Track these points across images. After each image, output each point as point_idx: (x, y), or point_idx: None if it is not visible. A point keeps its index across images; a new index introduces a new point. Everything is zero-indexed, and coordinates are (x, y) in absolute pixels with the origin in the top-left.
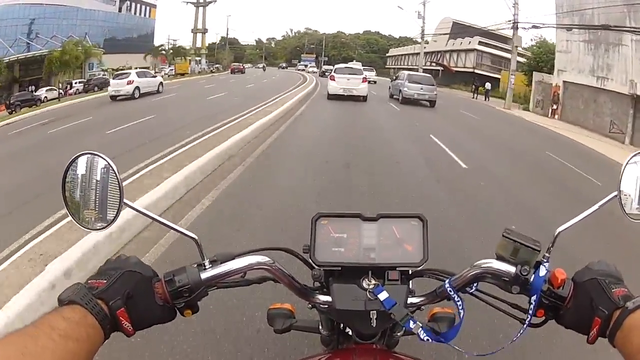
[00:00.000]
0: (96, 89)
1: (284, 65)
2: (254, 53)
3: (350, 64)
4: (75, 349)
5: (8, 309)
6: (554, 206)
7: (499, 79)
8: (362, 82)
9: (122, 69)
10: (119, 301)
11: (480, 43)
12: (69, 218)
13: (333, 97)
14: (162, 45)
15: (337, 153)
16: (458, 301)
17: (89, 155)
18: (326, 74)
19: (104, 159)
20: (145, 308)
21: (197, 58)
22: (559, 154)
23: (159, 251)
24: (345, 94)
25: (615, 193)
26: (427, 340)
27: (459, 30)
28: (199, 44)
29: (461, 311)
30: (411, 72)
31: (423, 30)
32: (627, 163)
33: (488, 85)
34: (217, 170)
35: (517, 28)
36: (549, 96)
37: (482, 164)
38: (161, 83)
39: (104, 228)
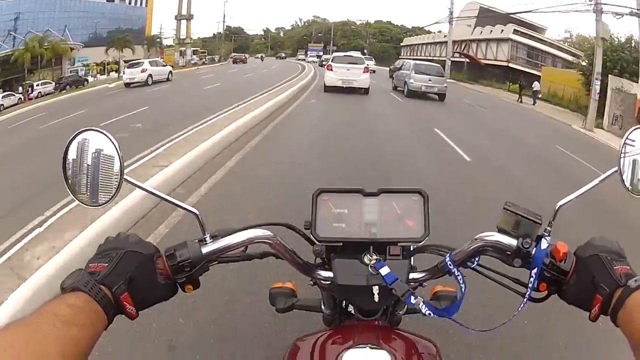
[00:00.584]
0: (68, 87)
1: (282, 55)
2: (260, 43)
3: (350, 53)
4: (78, 335)
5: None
6: None
7: (535, 75)
8: (364, 72)
9: (108, 63)
10: (122, 286)
11: (515, 32)
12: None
13: (331, 89)
14: (156, 35)
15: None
16: (458, 276)
17: (90, 132)
18: (324, 63)
19: (105, 135)
20: (148, 288)
21: (182, 48)
22: None
23: None
24: (345, 85)
25: (616, 168)
26: (429, 314)
27: (486, 15)
28: (184, 33)
29: (462, 286)
30: (418, 62)
31: (451, 12)
32: (626, 137)
33: (536, 86)
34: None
35: (601, 12)
36: (632, 111)
37: None
38: (170, 72)
39: (104, 204)
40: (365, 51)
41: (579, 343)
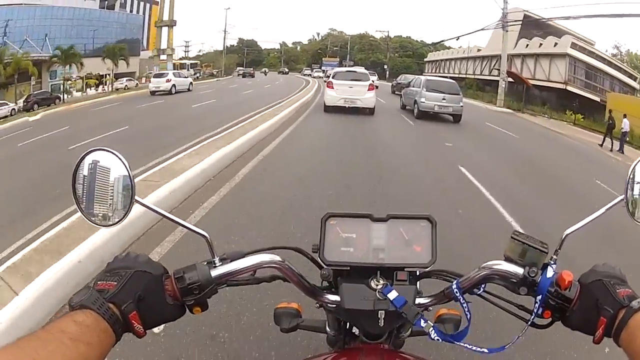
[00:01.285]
0: (36, 106)
1: (285, 70)
2: (274, 57)
3: (353, 68)
4: (86, 352)
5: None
6: None
7: (593, 101)
8: (369, 90)
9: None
10: (131, 305)
11: (573, 46)
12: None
13: (331, 109)
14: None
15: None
16: (464, 303)
17: (100, 152)
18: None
19: (116, 155)
20: (156, 308)
21: (182, 62)
22: None
23: None
24: (347, 105)
25: (622, 197)
26: (438, 339)
27: (531, 26)
28: (165, 43)
29: (467, 313)
30: (430, 78)
31: (505, 15)
32: (634, 166)
33: (626, 125)
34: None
35: None
36: None
37: None
38: (191, 83)
39: (114, 224)
40: (386, 66)
41: None
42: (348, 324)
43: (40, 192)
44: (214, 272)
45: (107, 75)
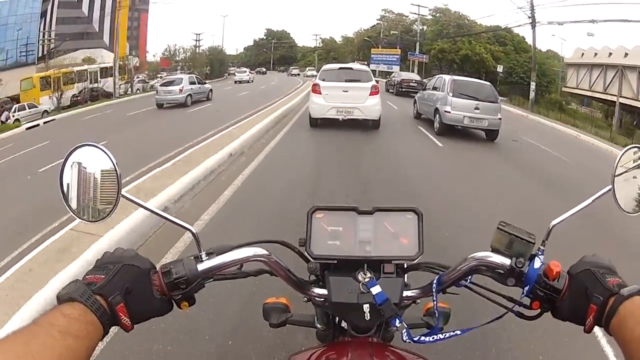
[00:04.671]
0: None
1: (262, 70)
2: (308, 50)
3: (349, 65)
4: (74, 345)
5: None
6: None
7: None
8: (371, 94)
9: None
10: (118, 297)
11: None
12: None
13: (320, 123)
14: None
15: None
16: (435, 300)
17: (87, 147)
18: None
19: (103, 151)
20: (143, 302)
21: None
22: None
23: None
24: (341, 117)
25: (609, 187)
26: (408, 342)
27: None
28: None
29: (436, 312)
30: (457, 79)
31: None
32: (620, 157)
33: None
34: None
35: None
36: None
37: None
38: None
39: (101, 220)
40: (500, 70)
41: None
42: (337, 318)
43: None
44: (201, 267)
45: None
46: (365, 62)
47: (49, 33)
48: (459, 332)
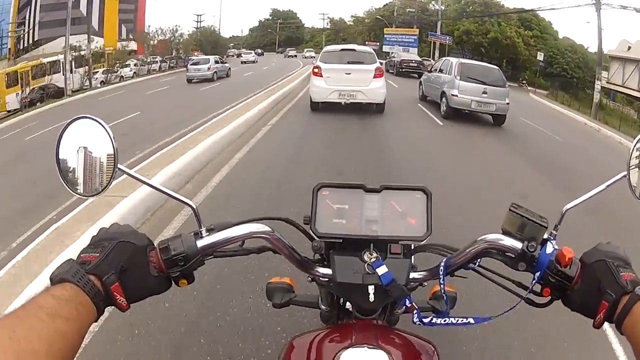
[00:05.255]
0: None
1: (259, 51)
2: (315, 31)
3: (351, 46)
4: (64, 328)
5: None
6: None
7: None
8: (375, 77)
9: None
10: (113, 276)
11: None
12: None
13: (321, 107)
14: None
15: None
16: (443, 283)
17: (84, 119)
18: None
19: (99, 123)
20: (140, 280)
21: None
22: None
23: None
24: (343, 101)
25: (625, 173)
26: (419, 324)
27: None
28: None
29: (444, 295)
30: (465, 62)
31: None
32: (636, 142)
33: None
34: None
35: None
36: None
37: None
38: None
39: (97, 194)
40: (541, 59)
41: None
42: (341, 299)
43: None
44: (200, 243)
45: None
46: (377, 44)
47: (28, 22)
48: (472, 320)
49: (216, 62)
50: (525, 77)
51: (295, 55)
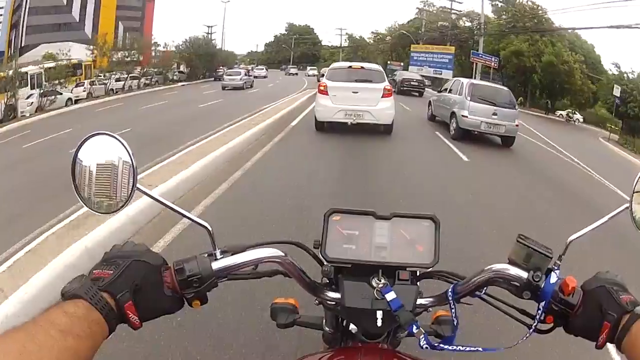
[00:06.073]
0: None
1: (262, 67)
2: (334, 49)
3: (360, 64)
4: (75, 345)
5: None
6: None
7: None
8: (384, 97)
9: None
10: (127, 294)
11: None
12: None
13: (327, 127)
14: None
15: None
16: (453, 309)
17: (102, 136)
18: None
19: (118, 140)
20: (153, 299)
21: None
22: None
23: None
24: (350, 121)
25: (627, 205)
26: (426, 347)
27: None
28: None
29: (455, 319)
30: (476, 82)
31: None
32: None
33: None
34: None
35: None
36: None
37: None
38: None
39: (114, 212)
40: (618, 91)
41: None
42: (345, 322)
43: None
44: (215, 265)
45: None
46: (401, 64)
47: (16, 26)
48: (480, 349)
49: (245, 74)
50: (575, 111)
51: (296, 74)
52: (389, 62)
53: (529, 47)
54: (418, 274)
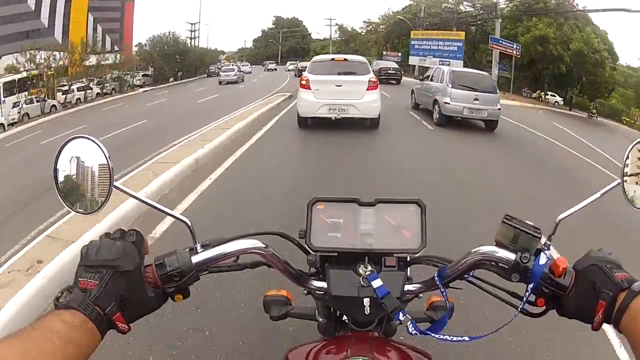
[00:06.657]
0: None
1: (246, 64)
2: (324, 42)
3: (343, 55)
4: (74, 352)
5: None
6: None
7: None
8: (369, 89)
9: None
10: (114, 307)
11: None
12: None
13: (309, 124)
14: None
15: None
16: (444, 291)
17: (80, 139)
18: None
19: (95, 143)
20: (139, 303)
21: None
22: None
23: None
24: (334, 116)
25: (619, 181)
26: (415, 334)
27: None
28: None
29: (447, 303)
30: (457, 70)
31: None
32: (630, 150)
33: None
34: None
35: None
36: None
37: None
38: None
39: (94, 212)
40: None
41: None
42: (338, 311)
43: None
44: (195, 259)
45: None
46: (399, 54)
47: None
48: (467, 338)
49: (238, 70)
50: (596, 106)
51: (275, 69)
52: (384, 52)
53: (554, 32)
54: (408, 259)
